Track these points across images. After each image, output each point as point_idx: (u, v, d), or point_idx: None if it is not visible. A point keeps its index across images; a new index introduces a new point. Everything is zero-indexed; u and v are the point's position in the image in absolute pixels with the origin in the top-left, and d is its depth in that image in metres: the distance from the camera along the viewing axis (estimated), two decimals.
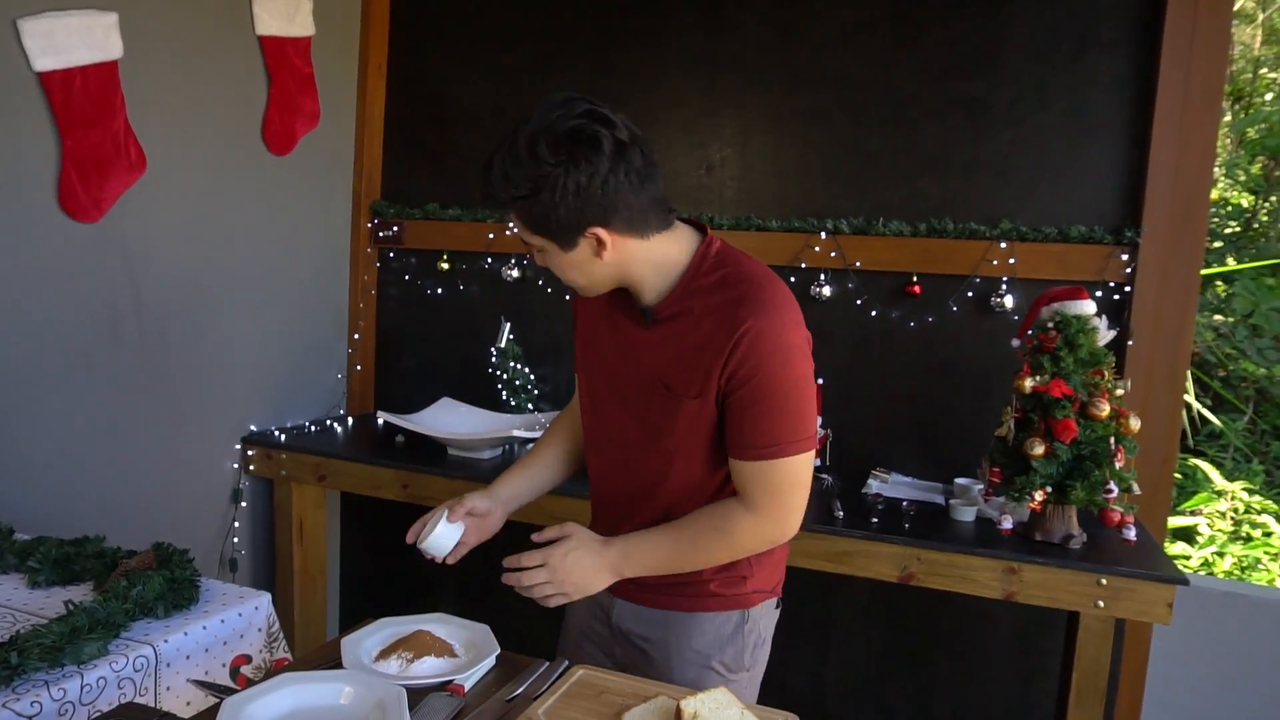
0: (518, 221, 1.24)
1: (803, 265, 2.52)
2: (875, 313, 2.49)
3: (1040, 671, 2.44)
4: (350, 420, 2.95)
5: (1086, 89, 2.30)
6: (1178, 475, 4.21)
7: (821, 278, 2.50)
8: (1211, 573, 3.72)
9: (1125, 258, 2.26)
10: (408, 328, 3.08)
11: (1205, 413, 4.64)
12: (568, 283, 1.31)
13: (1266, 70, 6.26)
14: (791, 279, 2.55)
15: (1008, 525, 2.03)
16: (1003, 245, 2.34)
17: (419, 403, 2.79)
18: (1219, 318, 5.02)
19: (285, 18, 2.61)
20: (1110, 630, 1.92)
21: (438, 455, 2.53)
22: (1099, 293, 2.27)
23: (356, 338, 3.08)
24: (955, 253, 2.39)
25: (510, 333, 2.83)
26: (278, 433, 2.69)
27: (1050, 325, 1.99)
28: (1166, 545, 2.52)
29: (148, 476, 2.38)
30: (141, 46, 2.20)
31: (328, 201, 2.94)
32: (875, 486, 2.34)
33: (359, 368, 3.09)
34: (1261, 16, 6.14)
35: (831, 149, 2.53)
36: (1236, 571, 3.73)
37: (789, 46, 2.55)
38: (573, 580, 1.30)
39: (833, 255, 2.49)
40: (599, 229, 1.20)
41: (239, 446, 2.67)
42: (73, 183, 2.09)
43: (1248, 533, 3.91)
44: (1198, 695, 2.47)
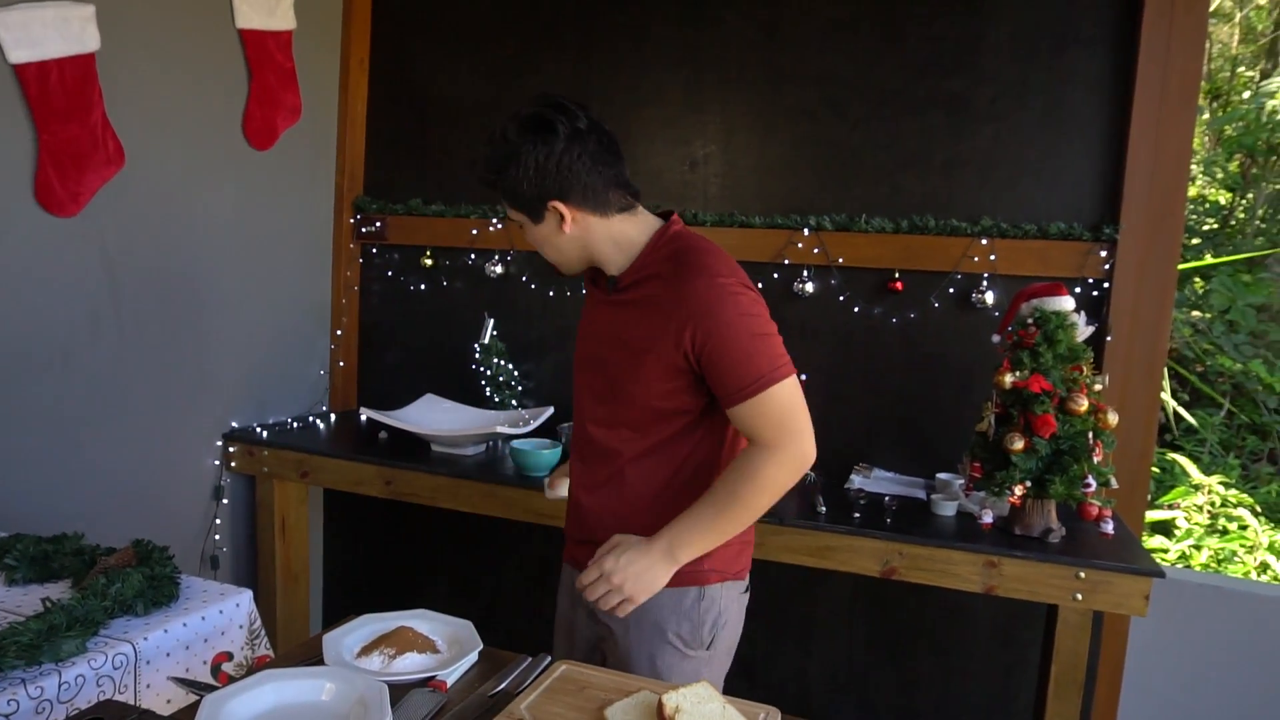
0: (502, 200, 1.44)
1: (786, 262, 2.53)
2: (858, 309, 2.51)
3: (1020, 663, 2.46)
4: (333, 417, 2.94)
5: (1066, 86, 2.32)
6: (1155, 469, 4.26)
7: (804, 274, 2.52)
8: (1189, 565, 3.77)
9: (1104, 254, 2.28)
10: (391, 324, 3.07)
11: (1180, 410, 4.69)
12: (547, 260, 1.49)
13: (1244, 68, 6.33)
14: (774, 275, 2.56)
15: (988, 519, 2.06)
16: (983, 242, 2.36)
17: (402, 399, 2.78)
18: (1196, 314, 5.08)
19: (266, 11, 2.59)
20: (1088, 623, 1.94)
21: (421, 452, 2.52)
22: (1078, 289, 2.29)
23: (339, 334, 3.06)
24: (937, 249, 2.41)
25: (494, 329, 2.82)
26: (260, 429, 2.68)
27: (1030, 321, 2.01)
28: (1144, 539, 2.55)
29: (127, 473, 2.37)
30: (119, 39, 2.18)
31: (309, 197, 2.92)
32: (857, 482, 2.36)
33: (341, 364, 3.07)
34: (1239, 15, 6.21)
35: (814, 146, 2.54)
36: (1213, 564, 3.78)
37: (772, 43, 2.55)
38: (630, 581, 1.34)
39: (815, 252, 2.50)
40: (558, 203, 1.39)
41: (220, 443, 2.65)
42: (49, 177, 2.07)
43: (1224, 526, 3.96)
44: (1174, 686, 2.51)
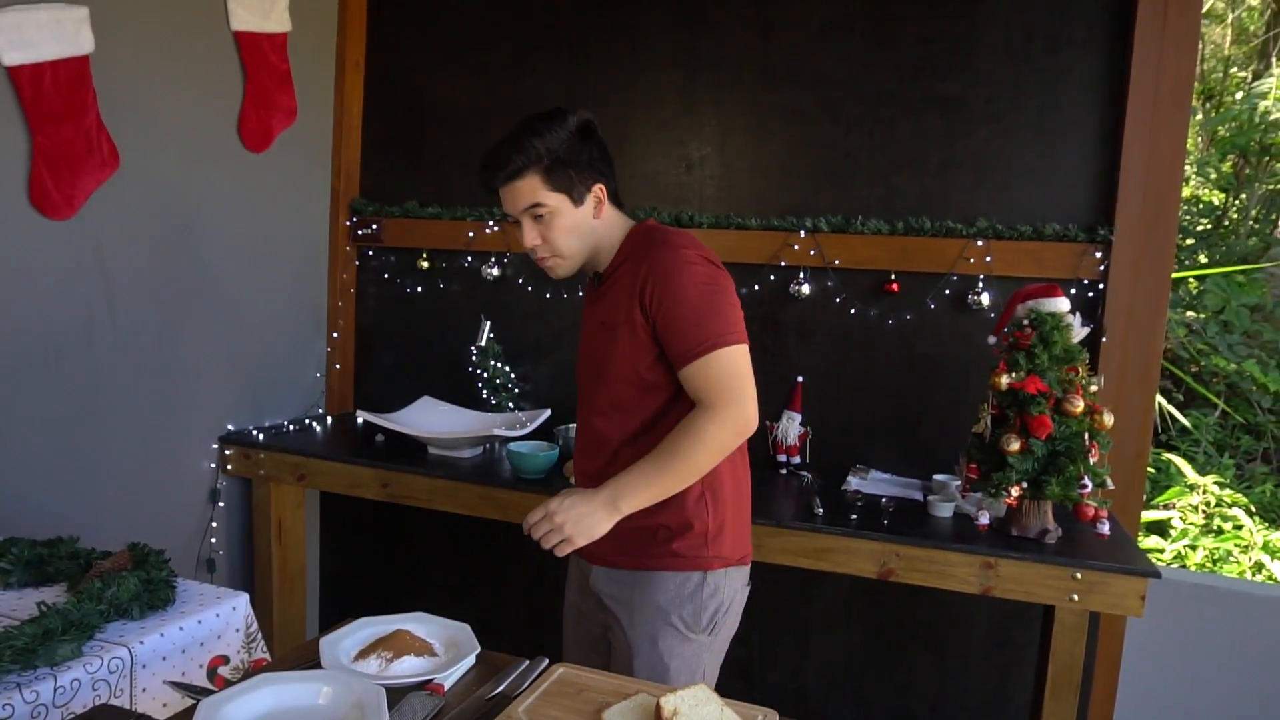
0: (531, 185, 1.47)
1: (782, 264, 2.53)
2: (854, 310, 2.51)
3: (1016, 664, 2.47)
4: (329, 419, 2.93)
5: (1060, 88, 2.33)
6: (1151, 470, 4.27)
7: (801, 276, 2.52)
8: (1184, 565, 3.78)
9: (1099, 255, 2.29)
10: (387, 326, 3.06)
11: (1174, 412, 4.71)
12: (555, 256, 1.54)
13: (1236, 69, 6.36)
14: (771, 277, 2.57)
15: (985, 521, 2.06)
16: (979, 243, 2.36)
17: (399, 402, 2.78)
18: (1190, 314, 5.10)
19: (261, 13, 2.59)
20: (1085, 623, 1.94)
21: (418, 454, 2.52)
22: (1073, 290, 2.29)
23: (335, 336, 3.06)
24: (932, 251, 2.41)
25: (490, 331, 2.82)
26: (256, 432, 2.67)
27: (1025, 323, 2.02)
28: (1140, 539, 2.56)
29: (123, 477, 2.36)
30: (113, 41, 2.18)
31: (305, 199, 2.92)
32: (854, 483, 2.36)
33: (338, 366, 3.07)
34: (1231, 16, 6.24)
35: (810, 147, 2.54)
36: (1208, 564, 3.79)
37: (767, 45, 2.56)
38: (571, 523, 1.41)
39: (812, 253, 2.50)
40: (601, 186, 1.52)
41: (216, 446, 2.64)
42: (44, 179, 2.06)
43: (1219, 526, 3.97)
44: (1170, 686, 2.51)
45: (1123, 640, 2.35)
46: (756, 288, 2.58)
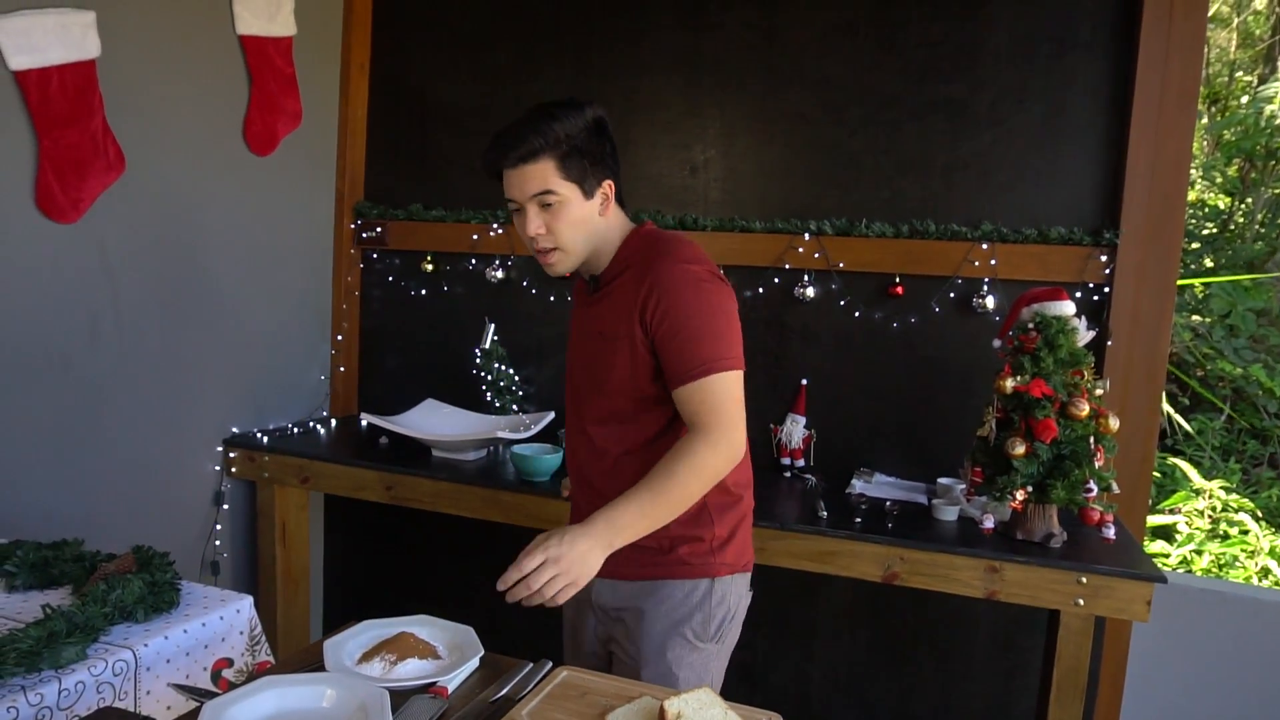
0: (545, 170, 1.40)
1: (786, 266, 2.53)
2: (858, 313, 2.51)
3: (1021, 669, 2.46)
4: (333, 422, 2.94)
5: (1065, 91, 2.32)
6: (1157, 474, 4.26)
7: (805, 278, 2.52)
8: (1190, 570, 3.76)
9: (1104, 259, 2.28)
10: (391, 329, 3.07)
11: (1178, 418, 4.69)
12: (557, 250, 1.46)
13: (1242, 73, 6.34)
14: (775, 280, 2.56)
15: (989, 524, 2.05)
16: (984, 246, 2.36)
17: (403, 404, 2.78)
18: (1196, 318, 5.08)
19: (266, 17, 2.60)
20: (1090, 628, 1.94)
21: (422, 457, 2.52)
22: (1078, 294, 2.29)
23: (340, 339, 3.06)
24: (937, 254, 2.41)
25: (494, 334, 2.82)
26: (260, 434, 2.67)
27: (1030, 326, 2.01)
28: (1145, 543, 2.55)
29: (127, 479, 2.36)
30: (120, 46, 2.19)
31: (310, 202, 2.92)
32: (859, 486, 2.36)
33: (342, 369, 3.07)
34: (1237, 20, 6.23)
35: (814, 150, 2.54)
36: (1214, 569, 3.77)
37: (771, 48, 2.56)
38: (574, 564, 1.26)
39: (816, 256, 2.50)
40: (611, 183, 1.47)
41: (221, 448, 2.65)
42: (50, 183, 2.07)
43: (1225, 531, 3.95)
44: (1176, 691, 2.50)
45: (1128, 645, 2.34)
46: (761, 290, 2.58)
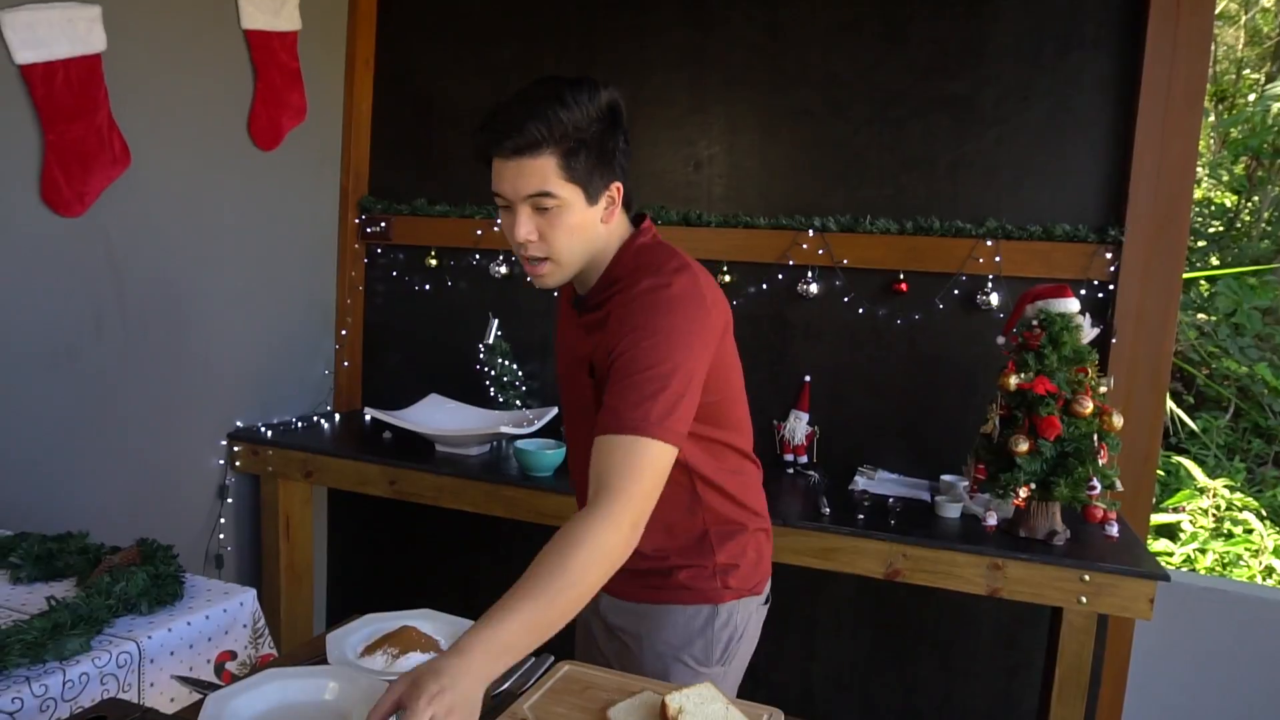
0: (545, 168, 1.20)
1: (790, 263, 2.53)
2: (862, 310, 2.51)
3: (1024, 666, 2.46)
4: (337, 417, 2.94)
5: (1071, 88, 2.32)
6: (1161, 472, 4.25)
7: (809, 275, 2.51)
8: (1194, 569, 3.76)
9: (1109, 256, 2.28)
10: (395, 324, 3.07)
11: (1184, 416, 4.68)
12: (549, 260, 1.27)
13: (1249, 71, 6.32)
14: (779, 276, 2.56)
15: (992, 522, 2.05)
16: (988, 243, 2.36)
17: (406, 399, 2.79)
18: (1202, 316, 5.07)
19: (271, 12, 2.60)
20: (1093, 626, 1.94)
21: (425, 452, 2.52)
22: (1083, 291, 2.29)
23: (344, 334, 3.06)
24: (941, 251, 2.40)
25: (498, 329, 2.83)
26: (264, 429, 2.68)
27: (1035, 323, 2.01)
28: (1149, 542, 2.54)
29: (132, 473, 2.37)
30: (125, 40, 2.19)
31: (314, 197, 2.93)
32: (861, 483, 2.36)
33: (346, 364, 3.08)
34: (1244, 17, 6.20)
35: (818, 147, 2.54)
36: (1218, 568, 3.77)
37: (775, 44, 2.55)
38: (462, 707, 0.93)
39: (820, 253, 2.50)
40: (619, 186, 1.28)
41: (225, 442, 2.66)
42: (55, 177, 2.07)
43: (1229, 529, 3.95)
44: (1179, 690, 2.50)
45: (1131, 643, 2.34)
46: (764, 287, 2.57)
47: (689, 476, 1.36)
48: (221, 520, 2.68)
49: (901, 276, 2.44)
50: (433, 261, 2.94)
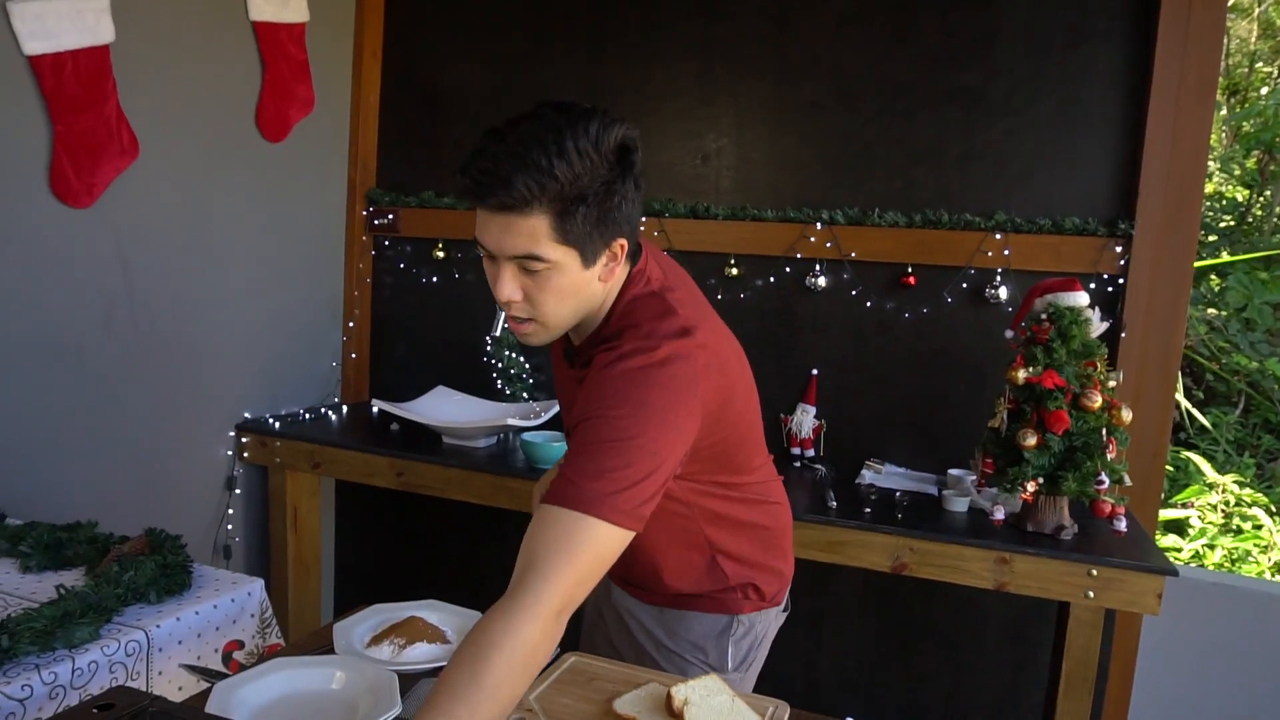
0: (535, 229, 1.03)
1: (798, 256, 2.52)
2: (870, 303, 2.50)
3: (1030, 661, 2.45)
4: (345, 408, 2.95)
5: (1081, 80, 2.30)
6: (1169, 468, 4.23)
7: (817, 268, 2.51)
8: (1202, 565, 3.75)
9: (1119, 250, 2.26)
10: (403, 316, 3.07)
11: (1194, 411, 4.66)
12: (533, 322, 1.14)
13: (1262, 64, 6.26)
14: (786, 269, 2.56)
15: (1000, 516, 2.05)
16: (997, 236, 2.34)
17: (414, 391, 2.79)
18: (1212, 311, 5.04)
19: (279, 3, 2.60)
20: (1100, 620, 1.93)
21: (433, 443, 2.53)
22: (1092, 284, 2.27)
23: (351, 325, 3.07)
24: (950, 244, 2.39)
25: (505, 321, 2.82)
26: (272, 420, 2.69)
27: (1044, 317, 2.00)
28: (1158, 537, 2.53)
29: (141, 463, 2.38)
30: (133, 31, 2.19)
31: (322, 189, 2.93)
32: (868, 477, 2.35)
33: (354, 355, 3.08)
34: (1257, 10, 6.15)
35: (827, 139, 2.53)
36: (1227, 564, 3.75)
37: (783, 36, 2.54)
38: None
39: (828, 246, 2.49)
40: (624, 243, 1.10)
41: (233, 433, 2.66)
42: (64, 168, 2.08)
43: (1238, 525, 3.93)
44: (1186, 685, 2.49)
45: (1138, 638, 2.33)
46: (772, 280, 2.57)
47: (710, 548, 1.31)
48: (229, 511, 2.69)
49: (910, 270, 2.43)
50: (440, 253, 2.94)
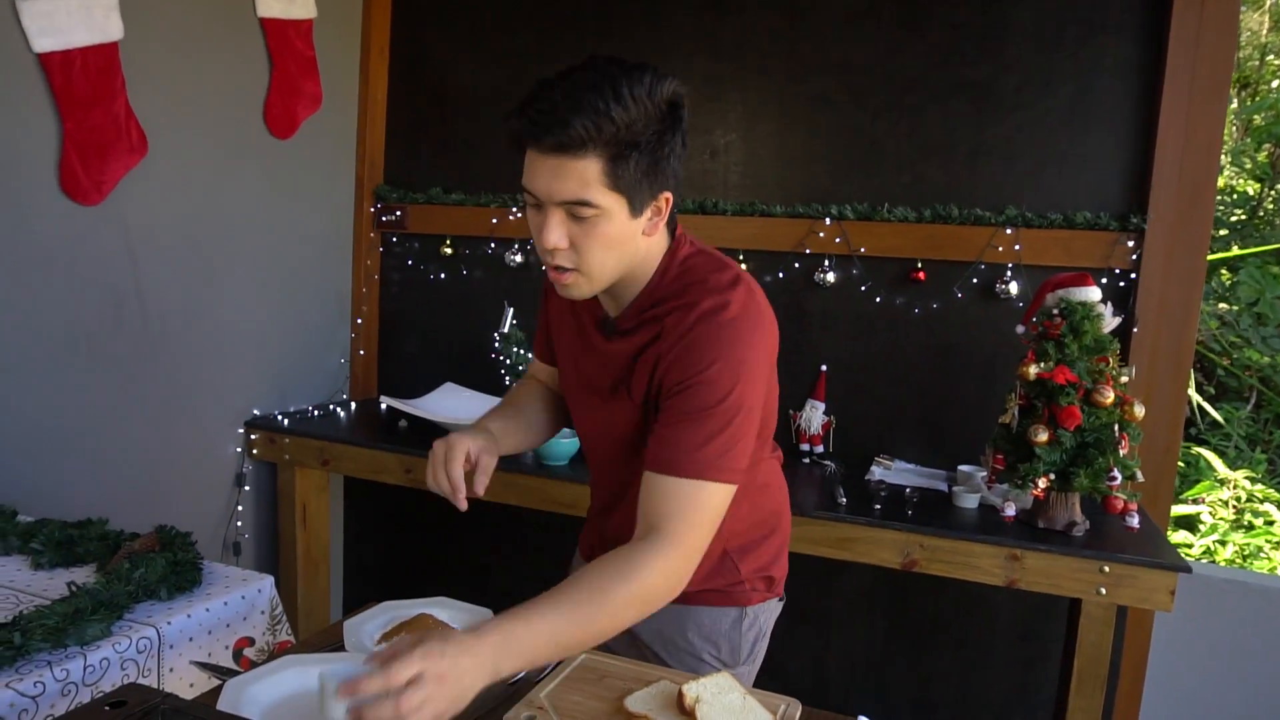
0: (587, 173, 1.04)
1: (807, 251, 2.51)
2: (879, 299, 2.49)
3: (1041, 658, 2.44)
4: (353, 405, 2.95)
5: (1093, 74, 2.28)
6: (1181, 464, 4.20)
7: (826, 264, 2.50)
8: (1213, 561, 3.73)
9: (1131, 244, 2.25)
10: (410, 312, 3.07)
11: (1205, 405, 4.63)
12: (577, 273, 1.13)
13: (1273, 57, 6.21)
14: (796, 265, 2.54)
15: (1010, 512, 2.03)
16: (1008, 231, 2.33)
17: (422, 387, 2.79)
18: (1223, 305, 5.01)
19: (287, 0, 2.60)
20: (1112, 617, 1.92)
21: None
22: (1104, 279, 2.26)
23: (359, 322, 3.07)
24: (960, 239, 2.38)
25: (513, 318, 2.82)
26: (281, 417, 2.69)
27: (1055, 312, 1.99)
28: (1169, 533, 2.52)
29: (150, 460, 2.39)
30: (142, 28, 2.19)
31: (330, 185, 2.93)
32: (878, 473, 2.34)
33: (362, 352, 3.08)
34: (1269, 2, 6.10)
35: (836, 134, 2.52)
36: (1238, 560, 3.73)
37: (793, 31, 2.53)
38: (452, 686, 0.87)
39: (837, 241, 2.48)
40: (669, 197, 1.13)
41: (242, 430, 2.67)
42: (74, 165, 2.08)
43: (1250, 521, 3.91)
44: (1198, 682, 2.48)
45: (1150, 634, 2.32)
46: (781, 275, 2.56)
47: (719, 539, 1.27)
48: (239, 508, 2.69)
49: (919, 265, 2.42)
50: (448, 250, 2.94)
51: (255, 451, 2.67)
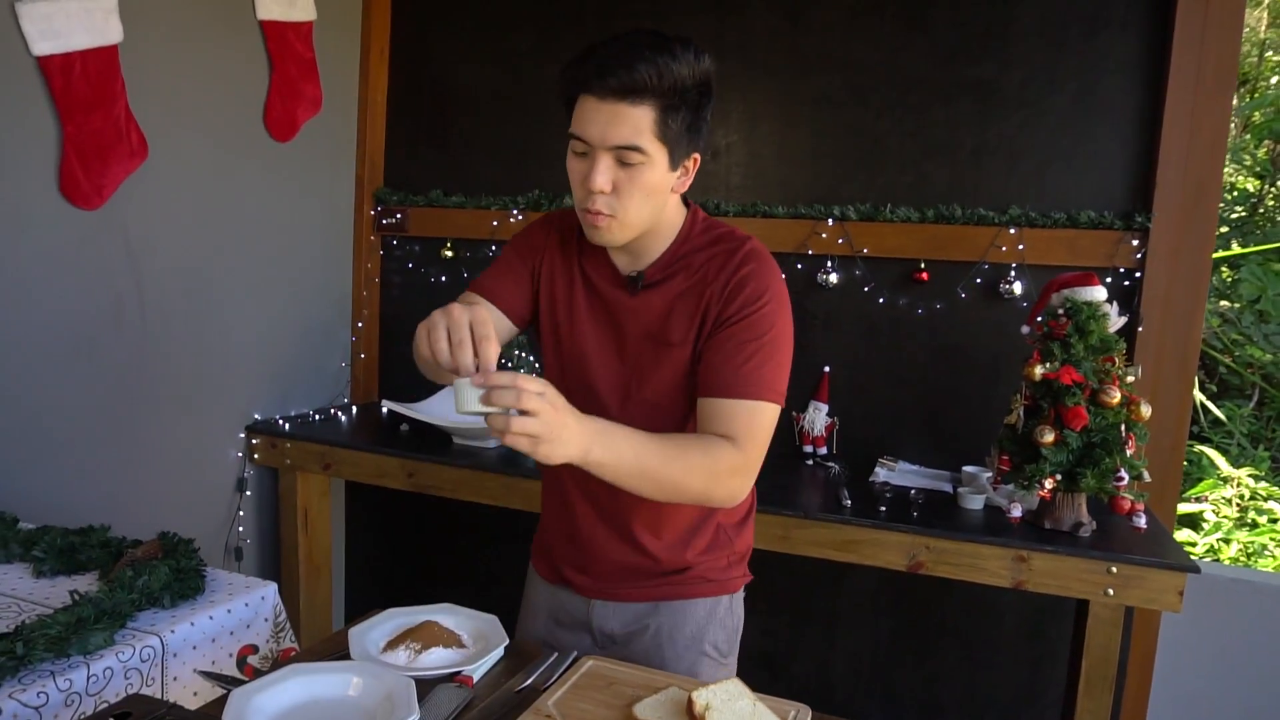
0: (641, 119, 1.13)
1: (809, 252, 2.50)
2: (883, 300, 2.48)
3: (1048, 659, 2.43)
4: (354, 409, 2.94)
5: (1097, 72, 2.27)
6: (1184, 462, 4.20)
7: (828, 265, 2.49)
8: (1217, 559, 3.72)
9: (1135, 243, 2.24)
10: (412, 315, 3.04)
11: (1208, 403, 4.62)
12: (614, 218, 1.20)
13: (1272, 53, 6.21)
14: (798, 266, 2.54)
15: (1017, 513, 2.02)
16: (1012, 231, 2.32)
17: (423, 391, 2.78)
18: (1225, 303, 5.00)
19: (287, 2, 2.59)
20: (1120, 618, 1.91)
21: (442, 444, 2.52)
22: (1109, 279, 2.25)
23: (360, 326, 3.06)
24: (964, 239, 2.37)
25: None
26: (282, 421, 2.68)
27: (1060, 312, 1.98)
28: (1172, 532, 2.51)
29: (151, 465, 2.38)
30: (141, 31, 2.18)
31: (330, 188, 2.92)
32: (882, 475, 2.33)
33: (363, 356, 3.07)
34: None
35: (838, 134, 2.51)
36: (1242, 558, 3.72)
37: (795, 30, 2.52)
38: (557, 430, 1.00)
39: (840, 242, 2.47)
40: (698, 158, 1.25)
41: (243, 435, 2.66)
42: (74, 169, 2.07)
43: (1253, 519, 3.90)
44: (1205, 681, 2.47)
45: (1157, 634, 2.31)
46: (783, 277, 2.54)
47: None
48: (240, 513, 2.68)
49: (922, 265, 2.41)
50: (449, 253, 2.93)
51: (256, 456, 2.66)
